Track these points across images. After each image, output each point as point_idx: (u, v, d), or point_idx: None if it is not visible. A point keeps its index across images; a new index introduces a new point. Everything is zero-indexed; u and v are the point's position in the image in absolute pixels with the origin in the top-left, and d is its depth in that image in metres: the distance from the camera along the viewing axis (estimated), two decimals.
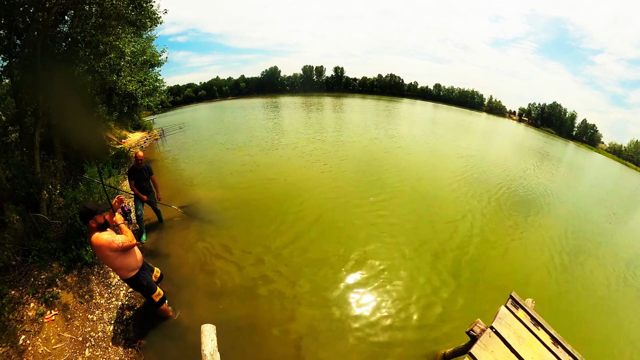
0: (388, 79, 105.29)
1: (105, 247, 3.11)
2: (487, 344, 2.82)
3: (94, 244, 3.08)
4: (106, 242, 3.11)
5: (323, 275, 5.17)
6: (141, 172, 5.72)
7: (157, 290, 3.75)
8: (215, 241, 6.00)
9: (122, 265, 3.36)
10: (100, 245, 3.08)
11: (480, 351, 2.75)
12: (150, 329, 3.92)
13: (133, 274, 3.48)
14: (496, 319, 3.10)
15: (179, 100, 74.38)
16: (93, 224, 3.10)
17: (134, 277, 3.50)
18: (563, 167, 22.53)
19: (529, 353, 2.85)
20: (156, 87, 12.94)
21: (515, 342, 2.91)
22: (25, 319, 3.45)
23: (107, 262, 3.31)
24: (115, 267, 3.39)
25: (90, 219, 3.07)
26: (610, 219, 11.45)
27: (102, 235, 3.11)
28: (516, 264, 6.34)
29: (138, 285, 3.59)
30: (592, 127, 75.87)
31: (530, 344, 2.98)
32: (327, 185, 9.38)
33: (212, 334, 2.59)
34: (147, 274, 3.68)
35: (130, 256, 3.43)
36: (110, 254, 3.17)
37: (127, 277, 3.46)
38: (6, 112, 5.32)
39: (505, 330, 3.00)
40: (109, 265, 3.40)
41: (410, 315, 4.44)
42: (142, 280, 3.58)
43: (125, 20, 6.23)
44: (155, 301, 3.74)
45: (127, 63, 8.56)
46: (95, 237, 3.08)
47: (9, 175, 4.35)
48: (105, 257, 3.20)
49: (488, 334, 2.92)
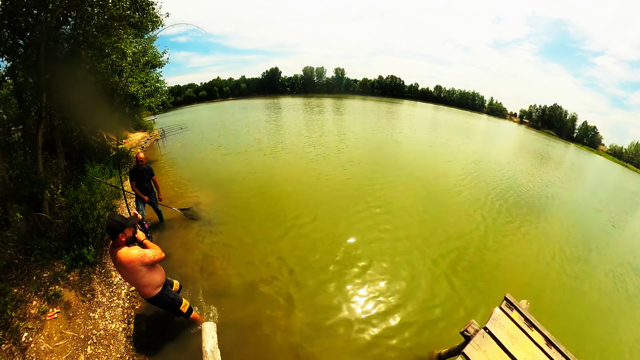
0: (389, 81, 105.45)
1: (137, 261, 2.94)
2: (480, 344, 2.87)
3: (123, 259, 2.89)
4: (138, 256, 2.96)
5: (323, 276, 5.21)
6: (142, 173, 5.77)
7: (183, 301, 3.62)
8: (215, 242, 6.05)
9: (149, 282, 3.18)
10: (132, 260, 2.91)
11: (473, 351, 2.79)
12: (151, 328, 3.96)
13: (158, 290, 3.31)
14: (490, 320, 3.15)
15: (179, 100, 74.53)
16: (123, 238, 2.93)
17: (159, 294, 3.33)
18: (564, 169, 22.57)
19: (522, 353, 2.89)
20: (157, 88, 13.01)
21: (508, 343, 2.96)
22: (28, 317, 3.50)
23: (135, 278, 3.08)
24: (142, 284, 3.16)
25: (120, 232, 2.89)
26: (612, 222, 11.48)
27: (132, 250, 2.97)
28: (516, 267, 6.37)
29: (164, 302, 3.44)
30: (593, 129, 75.91)
31: (524, 344, 3.02)
32: (328, 189, 9.42)
33: (213, 331, 2.64)
34: (170, 289, 3.58)
35: (156, 272, 3.30)
36: (141, 269, 3.02)
37: (153, 294, 3.28)
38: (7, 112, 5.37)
39: (499, 331, 3.04)
40: (135, 282, 3.15)
41: (407, 317, 4.48)
42: (167, 296, 3.44)
43: (128, 22, 6.29)
44: (184, 312, 3.60)
45: (129, 64, 8.62)
46: (124, 252, 2.91)
47: (13, 174, 4.40)
48: (134, 273, 3.01)
49: (481, 335, 2.96)
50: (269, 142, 16.43)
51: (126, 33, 7.48)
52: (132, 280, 3.13)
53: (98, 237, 5.01)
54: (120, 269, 3.02)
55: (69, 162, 7.59)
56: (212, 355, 2.41)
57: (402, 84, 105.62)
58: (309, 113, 35.02)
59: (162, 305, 3.47)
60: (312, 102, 55.98)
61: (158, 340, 3.79)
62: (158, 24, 7.69)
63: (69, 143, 7.85)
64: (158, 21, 7.60)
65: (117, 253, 2.91)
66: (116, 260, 2.95)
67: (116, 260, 2.95)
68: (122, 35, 6.99)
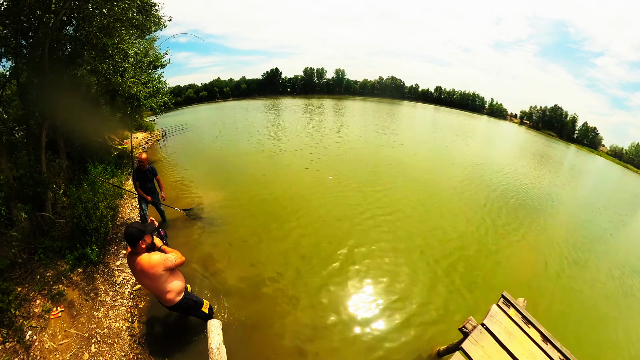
0: (389, 82, 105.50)
1: (161, 266, 2.95)
2: (477, 340, 2.93)
3: (145, 265, 2.88)
4: (160, 260, 2.96)
5: (326, 276, 5.25)
6: (145, 173, 5.81)
7: (204, 301, 3.61)
8: (218, 242, 6.08)
9: (172, 287, 3.15)
10: (155, 265, 2.91)
11: (471, 346, 2.85)
12: (155, 326, 3.99)
13: (181, 297, 3.27)
14: (487, 316, 3.21)
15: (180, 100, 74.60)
16: (143, 245, 2.93)
17: (183, 299, 3.29)
18: (564, 171, 22.59)
19: (518, 349, 2.95)
20: (159, 89, 13.05)
21: (505, 339, 3.01)
22: (32, 315, 3.53)
23: (158, 284, 3.04)
24: (165, 290, 3.11)
25: (141, 239, 2.90)
26: (612, 223, 11.49)
27: (154, 255, 2.97)
28: (516, 268, 6.40)
29: (188, 307, 3.39)
30: (593, 130, 75.85)
31: (520, 340, 3.08)
32: (330, 190, 9.43)
33: (218, 328, 2.68)
34: (190, 292, 3.55)
35: (177, 276, 3.28)
36: (163, 274, 3.01)
37: (176, 301, 3.22)
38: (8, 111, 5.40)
39: (496, 327, 3.10)
40: (158, 288, 3.08)
41: (408, 316, 4.52)
42: (190, 299, 3.41)
43: (131, 23, 6.33)
44: (207, 313, 3.57)
45: (131, 65, 8.66)
46: (146, 258, 2.91)
47: (17, 175, 4.44)
48: (157, 279, 2.99)
49: (479, 330, 3.03)
50: (271, 143, 16.46)
51: (128, 34, 7.53)
52: (155, 286, 3.06)
53: (101, 237, 5.05)
54: (142, 276, 2.97)
55: (70, 162, 7.63)
56: (217, 352, 2.44)
57: (402, 84, 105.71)
58: (310, 114, 35.08)
59: (185, 310, 3.41)
60: (313, 103, 56.03)
61: (162, 338, 3.83)
62: (160, 26, 7.72)
63: (71, 143, 7.88)
64: (160, 22, 7.62)
65: (138, 260, 2.90)
66: (137, 267, 2.92)
67: (137, 267, 2.92)
68: (124, 36, 7.03)
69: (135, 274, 3.02)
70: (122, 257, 5.18)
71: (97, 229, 4.92)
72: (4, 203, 3.90)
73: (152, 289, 3.10)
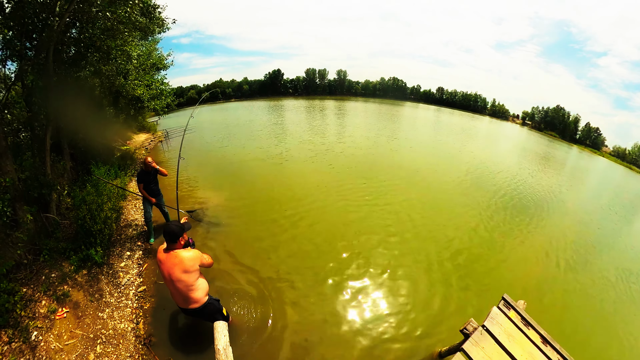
0: (391, 82, 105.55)
1: (198, 259, 3.12)
2: (478, 341, 2.95)
3: (185, 256, 3.02)
4: (198, 254, 3.15)
5: (327, 278, 5.25)
6: (150, 175, 5.83)
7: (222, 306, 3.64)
8: (220, 244, 6.08)
9: (202, 285, 3.25)
10: (194, 258, 3.07)
11: (471, 347, 2.87)
12: (160, 327, 4.01)
13: (207, 297, 3.33)
14: (488, 318, 3.23)
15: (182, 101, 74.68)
16: (182, 241, 3.10)
17: (209, 300, 3.35)
18: (567, 171, 22.50)
19: (518, 350, 2.98)
20: (162, 91, 13.13)
21: (505, 340, 3.04)
22: (37, 316, 3.56)
23: (191, 280, 3.09)
24: (196, 288, 3.16)
25: (181, 236, 3.06)
26: (615, 225, 11.44)
27: (191, 250, 3.15)
28: (517, 269, 6.38)
29: (213, 308, 3.39)
30: (596, 130, 75.53)
31: (520, 342, 3.10)
32: (333, 191, 9.43)
33: (225, 329, 2.70)
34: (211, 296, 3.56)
35: (204, 278, 3.39)
36: (198, 269, 3.16)
37: (203, 301, 3.26)
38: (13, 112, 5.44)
39: (497, 328, 3.12)
40: (189, 286, 3.09)
41: (409, 317, 4.52)
42: (215, 300, 3.46)
43: (134, 25, 6.38)
44: (225, 315, 3.58)
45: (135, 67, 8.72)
46: (186, 251, 3.07)
47: (22, 176, 4.48)
48: (193, 273, 3.08)
49: (479, 332, 3.05)
50: (274, 144, 16.49)
51: (131, 36, 7.58)
52: (188, 282, 3.08)
53: (105, 239, 5.08)
54: (179, 270, 3.00)
55: (74, 163, 7.67)
56: (224, 353, 2.46)
57: (404, 85, 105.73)
58: (313, 115, 35.15)
59: (209, 313, 3.37)
60: (315, 104, 56.12)
61: (168, 339, 3.84)
62: (164, 28, 7.76)
63: (74, 144, 7.93)
64: (164, 25, 7.66)
65: (177, 252, 3.04)
66: (176, 259, 3.01)
67: (176, 259, 3.01)
68: (127, 38, 7.08)
69: (168, 268, 3.03)
70: (126, 259, 5.21)
71: (102, 230, 4.95)
72: (10, 205, 3.93)
73: (182, 284, 3.07)
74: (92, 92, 8.68)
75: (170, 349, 3.69)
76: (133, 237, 5.95)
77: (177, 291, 3.11)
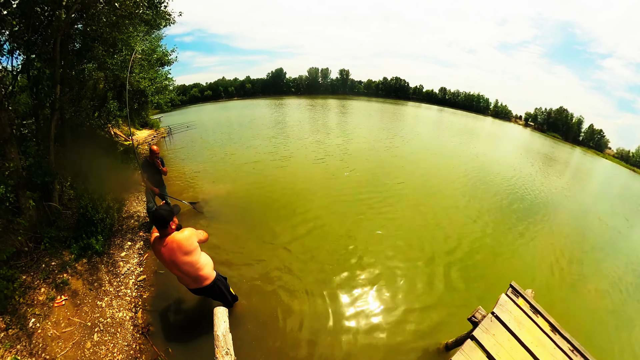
0: (393, 82, 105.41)
1: (194, 236, 3.03)
2: (488, 328, 2.91)
3: (181, 238, 2.93)
4: (193, 232, 3.05)
5: (329, 273, 5.19)
6: (154, 165, 5.81)
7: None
8: (224, 236, 6.04)
9: (207, 261, 3.23)
10: (189, 236, 2.98)
11: (482, 334, 2.83)
12: (159, 316, 3.99)
13: (215, 273, 3.32)
14: (497, 305, 3.18)
15: (185, 99, 75.18)
16: (173, 225, 3.01)
17: (217, 276, 3.33)
18: (570, 173, 22.34)
19: (528, 338, 2.93)
20: (166, 86, 13.13)
21: (515, 327, 2.99)
22: (36, 303, 3.55)
23: (195, 258, 3.07)
24: (201, 265, 3.15)
25: (171, 220, 2.96)
26: (619, 227, 11.31)
27: (185, 230, 3.04)
28: (521, 269, 6.30)
29: (222, 285, 3.38)
30: (599, 132, 75.04)
31: (530, 329, 3.05)
32: (336, 189, 9.37)
33: (225, 316, 2.66)
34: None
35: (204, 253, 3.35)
36: (198, 246, 3.10)
37: (212, 277, 3.26)
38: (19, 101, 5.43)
39: (506, 316, 3.08)
40: (194, 265, 3.08)
41: (414, 313, 4.47)
42: (222, 277, 3.41)
43: (139, 19, 6.35)
44: (233, 294, 3.56)
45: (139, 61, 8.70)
46: (179, 232, 2.98)
47: (25, 164, 4.47)
48: (193, 251, 3.04)
49: (489, 319, 3.00)
50: (277, 141, 16.46)
51: (136, 30, 7.56)
52: (192, 262, 3.05)
53: (107, 228, 5.07)
54: (179, 252, 2.95)
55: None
56: (223, 339, 2.41)
57: (406, 85, 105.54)
58: (315, 114, 35.10)
59: (219, 290, 3.34)
60: (317, 103, 56.06)
61: (166, 328, 3.82)
62: (170, 21, 7.72)
63: (78, 137, 7.92)
64: (170, 19, 7.63)
65: (172, 236, 2.93)
66: (173, 243, 2.92)
67: (173, 243, 2.92)
68: (132, 33, 7.06)
69: (169, 254, 2.95)
70: (126, 249, 5.19)
71: (103, 219, 4.94)
72: (13, 191, 3.91)
73: (188, 266, 3.04)
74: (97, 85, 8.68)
75: (168, 337, 3.66)
76: (134, 228, 5.94)
77: (185, 274, 3.07)
